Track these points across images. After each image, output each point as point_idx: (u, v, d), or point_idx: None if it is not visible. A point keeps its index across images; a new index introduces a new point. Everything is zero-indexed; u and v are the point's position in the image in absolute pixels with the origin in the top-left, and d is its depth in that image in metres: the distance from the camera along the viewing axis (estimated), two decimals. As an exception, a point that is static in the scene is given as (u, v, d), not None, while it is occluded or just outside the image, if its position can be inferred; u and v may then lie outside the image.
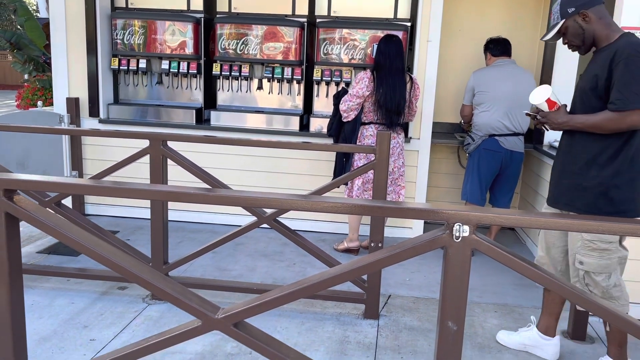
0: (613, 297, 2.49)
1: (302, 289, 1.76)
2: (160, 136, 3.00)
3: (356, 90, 3.73)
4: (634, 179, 2.34)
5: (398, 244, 1.75)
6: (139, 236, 4.37)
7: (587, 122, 2.35)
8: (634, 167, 2.33)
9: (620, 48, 2.25)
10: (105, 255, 1.75)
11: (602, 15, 2.34)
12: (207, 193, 1.83)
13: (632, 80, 2.21)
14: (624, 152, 2.32)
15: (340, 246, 4.16)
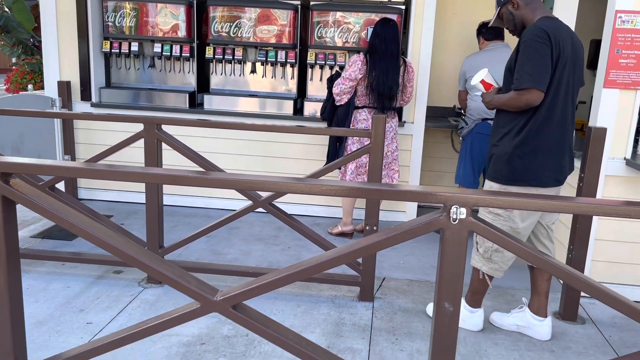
0: (492, 260, 2.69)
1: (300, 271, 1.77)
2: (155, 120, 2.99)
3: (349, 73, 3.72)
4: (536, 151, 2.51)
5: (395, 226, 1.76)
6: (134, 220, 4.36)
7: (500, 100, 2.60)
8: (537, 140, 2.51)
9: (525, 33, 2.47)
10: (103, 239, 1.75)
11: (530, 1, 2.53)
12: (203, 176, 1.83)
13: (525, 62, 2.42)
14: (528, 126, 2.50)
15: (334, 230, 4.18)
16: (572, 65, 2.50)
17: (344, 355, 2.57)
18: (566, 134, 2.57)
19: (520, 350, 2.71)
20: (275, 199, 3.15)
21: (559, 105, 2.50)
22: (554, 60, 2.43)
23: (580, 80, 2.62)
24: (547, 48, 2.40)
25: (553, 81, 2.45)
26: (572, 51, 2.49)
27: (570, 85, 2.52)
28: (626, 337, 2.88)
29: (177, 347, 2.59)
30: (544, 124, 2.50)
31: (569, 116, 2.57)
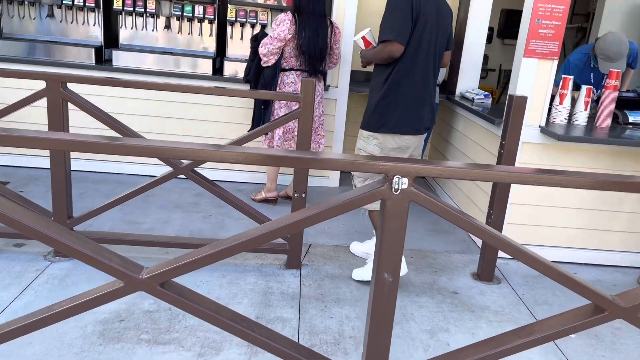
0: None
1: (237, 244, 1.65)
2: (59, 77, 2.67)
3: (277, 32, 3.55)
4: (397, 103, 2.74)
5: (337, 197, 1.69)
6: (34, 187, 3.97)
7: (369, 54, 2.82)
8: (397, 93, 2.74)
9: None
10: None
11: None
12: (119, 142, 1.63)
13: (388, 17, 2.66)
14: (391, 77, 2.72)
15: (257, 196, 4.06)
16: (434, 28, 2.72)
17: (274, 326, 2.51)
18: (427, 89, 2.80)
19: (443, 312, 2.80)
20: (198, 166, 2.97)
21: (419, 62, 2.72)
22: (414, 19, 2.63)
23: (445, 45, 2.88)
24: (408, 6, 2.61)
25: (413, 39, 2.66)
26: (437, 16, 2.72)
27: (432, 46, 2.74)
28: (537, 295, 3.07)
29: (92, 326, 2.39)
30: (404, 78, 2.71)
31: (431, 74, 2.79)
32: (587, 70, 3.85)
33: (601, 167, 3.36)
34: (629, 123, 3.48)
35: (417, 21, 2.63)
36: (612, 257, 3.52)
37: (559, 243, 3.47)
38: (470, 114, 3.97)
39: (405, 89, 2.73)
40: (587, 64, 3.86)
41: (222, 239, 1.69)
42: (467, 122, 4.09)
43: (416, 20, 2.63)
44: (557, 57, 3.13)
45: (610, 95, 3.30)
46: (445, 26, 2.81)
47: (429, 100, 2.84)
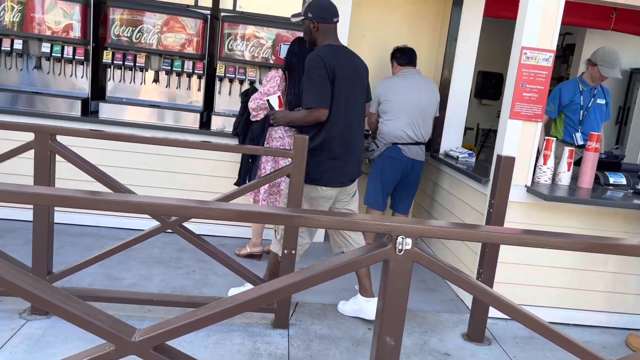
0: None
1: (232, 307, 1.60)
2: (49, 129, 2.63)
3: (267, 88, 3.60)
4: (322, 159, 2.95)
5: (336, 257, 1.66)
6: (10, 240, 3.83)
7: (294, 117, 3.07)
8: (323, 147, 2.94)
9: (307, 60, 2.90)
10: None
11: (326, 31, 2.97)
12: (107, 199, 1.55)
13: (309, 85, 2.87)
14: (316, 135, 2.93)
15: (242, 251, 3.99)
16: (351, 84, 2.96)
17: (263, 390, 2.40)
18: (350, 144, 3.01)
19: (436, 374, 2.73)
20: (185, 221, 2.92)
21: (341, 119, 2.94)
22: (331, 81, 2.86)
23: (365, 96, 3.13)
24: (323, 72, 2.84)
25: (333, 98, 2.88)
26: (352, 73, 2.97)
27: (352, 102, 2.98)
28: (529, 357, 3.03)
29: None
30: (329, 135, 2.93)
31: (354, 128, 3.02)
32: (576, 95, 4.05)
33: (585, 227, 3.41)
34: (610, 184, 3.58)
35: (334, 82, 2.87)
36: (598, 317, 3.52)
37: (547, 303, 3.46)
38: (456, 172, 4.03)
39: (330, 144, 2.94)
40: (576, 89, 4.07)
41: (217, 301, 1.63)
42: (453, 180, 4.14)
43: (333, 82, 2.87)
44: (542, 119, 3.23)
45: (592, 157, 3.39)
46: (362, 80, 3.07)
47: (355, 153, 3.05)
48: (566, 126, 4.09)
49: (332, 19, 2.98)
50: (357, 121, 3.03)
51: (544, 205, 3.31)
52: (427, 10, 4.97)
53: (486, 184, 3.40)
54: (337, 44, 3.02)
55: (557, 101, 4.05)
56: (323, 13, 2.96)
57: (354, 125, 3.01)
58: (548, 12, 3.14)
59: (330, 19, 2.97)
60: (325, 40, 2.98)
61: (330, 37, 2.99)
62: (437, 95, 4.14)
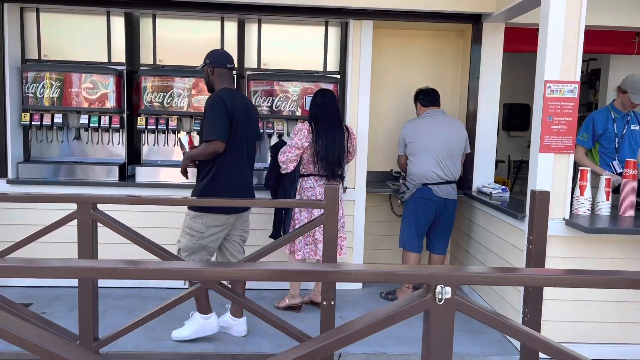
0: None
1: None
2: (90, 199, 2.74)
3: (295, 141, 3.68)
4: (217, 188, 3.26)
5: (376, 310, 1.66)
6: (56, 308, 3.93)
7: (196, 152, 3.33)
8: (219, 179, 3.27)
9: (208, 100, 3.28)
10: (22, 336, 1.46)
11: (221, 75, 3.35)
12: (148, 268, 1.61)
13: (209, 121, 3.21)
14: (213, 168, 3.26)
15: (281, 303, 3.98)
16: (245, 124, 3.32)
17: None
18: (243, 176, 3.38)
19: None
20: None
21: (235, 154, 3.30)
22: (229, 119, 3.21)
23: (256, 136, 3.50)
24: (223, 109, 3.19)
25: (230, 136, 3.22)
26: (245, 114, 3.33)
27: (244, 140, 3.35)
28: None
29: None
30: (224, 168, 3.27)
31: (245, 162, 3.40)
32: (609, 123, 3.98)
33: (630, 257, 3.30)
34: (652, 210, 3.47)
35: (232, 121, 3.23)
36: (657, 350, 3.35)
37: (600, 339, 3.32)
38: (491, 208, 3.99)
39: (225, 177, 3.28)
40: (608, 117, 4.00)
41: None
42: (488, 217, 4.09)
43: (231, 120, 3.22)
44: (573, 150, 3.19)
45: (630, 184, 3.32)
46: (254, 122, 3.48)
47: (246, 184, 3.43)
48: (602, 155, 4.02)
49: (226, 65, 3.37)
50: (249, 157, 3.44)
51: (585, 238, 3.23)
52: (446, 47, 5.05)
53: (523, 219, 3.35)
54: (232, 87, 3.44)
55: (591, 131, 4.00)
56: (217, 59, 3.36)
57: (245, 160, 3.41)
58: (568, 43, 3.15)
59: (224, 65, 3.36)
60: (222, 83, 3.36)
61: (225, 81, 3.38)
62: (463, 132, 4.15)
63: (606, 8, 4.31)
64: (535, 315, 2.97)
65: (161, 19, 4.41)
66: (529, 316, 2.97)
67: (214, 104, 3.23)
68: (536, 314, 2.97)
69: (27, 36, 4.38)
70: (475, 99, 4.52)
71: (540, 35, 3.24)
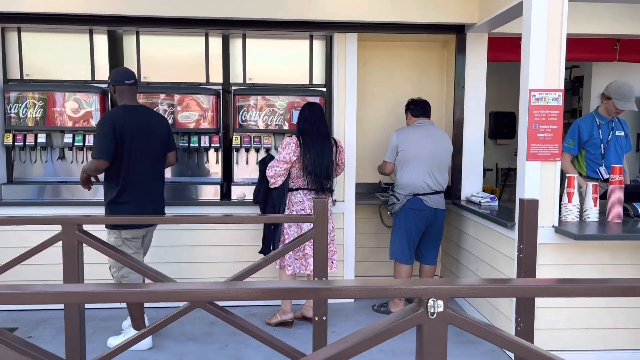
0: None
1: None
2: (75, 220, 2.68)
3: (283, 155, 3.67)
4: (122, 205, 3.41)
5: (368, 326, 1.63)
6: (42, 331, 3.85)
7: (88, 166, 3.47)
8: (125, 195, 3.41)
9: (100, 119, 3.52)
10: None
11: (121, 92, 3.49)
12: (134, 291, 1.59)
13: (96, 139, 3.40)
14: (118, 184, 3.40)
15: (273, 320, 3.94)
16: (145, 139, 3.46)
17: None
18: (148, 189, 3.50)
19: None
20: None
21: (138, 169, 3.43)
22: (119, 137, 3.34)
23: (163, 149, 3.61)
24: (110, 129, 3.33)
25: (124, 152, 3.37)
26: (147, 129, 3.47)
27: (146, 154, 3.47)
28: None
29: None
30: (128, 184, 3.40)
31: (150, 176, 3.51)
32: (595, 129, 4.01)
33: (620, 262, 3.31)
34: (639, 215, 3.49)
35: (123, 138, 3.36)
36: (650, 355, 3.35)
37: (594, 346, 3.31)
38: (480, 218, 3.99)
39: (130, 192, 3.41)
40: (593, 123, 4.03)
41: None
42: (478, 226, 4.09)
43: (122, 138, 3.35)
44: (559, 157, 3.21)
45: (617, 190, 3.34)
46: (159, 135, 3.55)
47: (153, 198, 3.55)
48: (588, 162, 4.05)
49: (124, 81, 3.46)
50: (153, 169, 3.55)
51: (575, 244, 3.23)
52: (431, 57, 5.08)
53: (512, 227, 3.35)
54: (134, 104, 3.53)
55: (577, 137, 4.03)
56: (116, 77, 3.49)
57: (150, 174, 3.52)
58: (551, 51, 3.18)
59: (122, 82, 3.46)
60: (122, 100, 3.49)
61: (126, 98, 3.49)
62: (450, 145, 4.17)
63: (587, 16, 4.37)
64: (528, 324, 2.96)
65: (145, 36, 4.40)
66: (521, 325, 2.95)
67: (102, 123, 3.40)
68: (529, 323, 2.96)
69: (8, 56, 4.33)
70: (461, 109, 4.54)
71: (523, 45, 3.27)
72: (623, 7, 4.42)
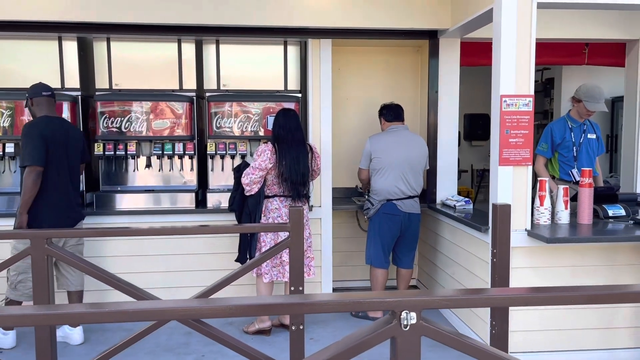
0: (17, 289, 3.58)
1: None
2: (43, 234, 2.62)
3: (258, 162, 3.64)
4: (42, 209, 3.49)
5: (344, 339, 1.63)
6: (17, 348, 3.75)
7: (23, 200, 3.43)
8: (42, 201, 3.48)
9: (24, 126, 3.54)
10: None
11: (39, 103, 3.60)
12: (104, 311, 1.55)
13: (25, 147, 3.45)
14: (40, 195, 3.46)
15: (250, 328, 3.91)
16: (64, 148, 3.58)
17: None
18: (68, 196, 3.62)
19: None
20: (189, 307, 2.86)
21: (57, 176, 3.54)
22: (46, 144, 3.44)
23: (80, 158, 3.75)
24: (38, 137, 3.42)
25: (47, 163, 3.46)
26: (66, 139, 3.59)
27: (65, 163, 3.59)
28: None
29: None
30: (46, 191, 3.48)
31: (69, 184, 3.63)
32: (567, 132, 4.07)
33: (591, 264, 3.38)
34: (609, 217, 3.56)
35: (49, 146, 3.46)
36: (621, 355, 3.41)
37: (569, 346, 3.37)
38: (455, 221, 4.02)
39: (52, 199, 3.52)
40: (566, 126, 4.09)
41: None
42: (453, 230, 4.12)
43: (48, 146, 3.45)
44: (531, 162, 3.26)
45: (587, 192, 3.40)
46: (76, 145, 3.68)
47: (71, 206, 3.65)
48: (561, 164, 4.12)
49: (41, 93, 3.60)
50: (72, 178, 3.68)
51: (547, 247, 3.29)
52: (405, 62, 5.11)
53: (486, 231, 3.39)
54: (53, 115, 3.66)
55: (550, 140, 4.09)
56: (34, 90, 3.61)
57: (68, 182, 3.63)
58: (521, 57, 3.23)
59: (39, 93, 3.60)
60: (41, 112, 3.59)
61: (45, 109, 3.61)
62: (425, 148, 4.20)
63: (556, 21, 4.45)
64: (503, 328, 2.99)
65: (116, 42, 4.33)
66: (496, 329, 2.99)
67: (28, 131, 3.47)
68: (503, 327, 2.99)
69: (-25, 64, 4.22)
70: (435, 112, 4.58)
71: (493, 51, 3.31)
72: (591, 12, 4.51)
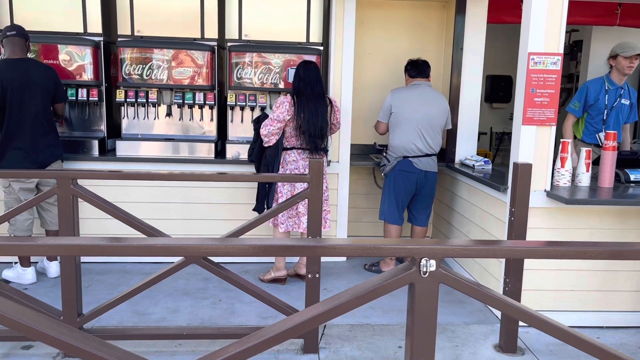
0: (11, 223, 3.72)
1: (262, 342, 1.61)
2: (69, 174, 2.69)
3: (277, 114, 3.64)
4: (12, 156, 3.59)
5: (362, 284, 1.67)
6: (39, 284, 3.90)
7: None
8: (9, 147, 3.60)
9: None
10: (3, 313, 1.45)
11: (6, 44, 3.66)
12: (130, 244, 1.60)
13: None
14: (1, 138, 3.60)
15: (266, 276, 4.00)
16: (26, 90, 3.62)
17: (298, 419, 2.40)
18: (33, 137, 3.66)
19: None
20: (209, 252, 2.94)
21: (18, 120, 3.61)
22: (2, 89, 3.54)
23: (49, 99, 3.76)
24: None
25: (5, 106, 3.57)
26: (26, 81, 3.61)
27: (26, 105, 3.63)
28: None
29: None
30: (10, 135, 3.59)
31: (35, 126, 3.67)
32: (602, 93, 4.00)
33: (609, 227, 3.37)
34: (631, 181, 3.53)
35: (5, 91, 3.55)
36: (633, 318, 3.45)
37: (578, 307, 3.40)
38: (474, 181, 4.01)
39: (14, 141, 3.60)
40: (602, 87, 4.03)
41: (247, 336, 1.64)
42: (471, 189, 4.12)
43: (4, 91, 3.55)
44: (555, 122, 3.21)
45: (610, 155, 3.36)
46: (42, 87, 3.68)
47: (37, 144, 3.67)
48: (587, 126, 4.04)
49: (6, 33, 3.62)
50: (35, 120, 3.67)
51: (566, 209, 3.28)
52: (430, 19, 5.00)
53: (505, 191, 3.38)
54: (17, 57, 3.66)
55: (584, 99, 4.00)
56: (1, 31, 3.65)
57: (31, 124, 3.65)
58: (552, 14, 3.14)
59: (5, 34, 3.63)
60: (6, 54, 3.66)
61: (9, 50, 3.65)
62: (446, 107, 4.14)
63: (590, -21, 4.29)
64: (516, 285, 3.04)
65: (138, -12, 4.28)
66: (509, 286, 3.03)
67: None
68: (517, 284, 3.04)
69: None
70: (459, 71, 4.50)
71: (524, 7, 3.22)
72: (627, -30, 4.34)
